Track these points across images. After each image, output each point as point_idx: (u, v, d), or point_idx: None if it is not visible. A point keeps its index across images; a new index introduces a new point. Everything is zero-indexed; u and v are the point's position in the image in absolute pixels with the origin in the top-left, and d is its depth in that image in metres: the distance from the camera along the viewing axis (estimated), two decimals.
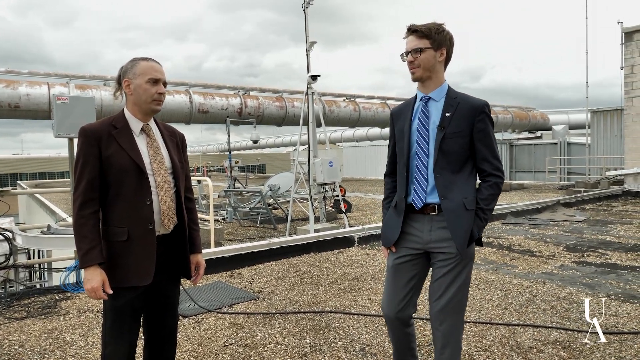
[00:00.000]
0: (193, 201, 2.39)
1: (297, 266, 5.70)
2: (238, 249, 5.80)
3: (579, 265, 5.40)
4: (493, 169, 2.20)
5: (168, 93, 18.16)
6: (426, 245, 2.25)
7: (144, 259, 2.05)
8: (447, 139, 2.15)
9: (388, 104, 24.78)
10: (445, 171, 2.16)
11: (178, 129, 2.40)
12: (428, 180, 2.19)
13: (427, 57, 2.15)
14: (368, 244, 6.98)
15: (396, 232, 2.29)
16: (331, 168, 7.49)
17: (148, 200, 2.05)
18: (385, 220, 2.41)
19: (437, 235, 2.21)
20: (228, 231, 9.20)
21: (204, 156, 48.27)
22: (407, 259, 2.30)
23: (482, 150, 2.19)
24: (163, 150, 2.17)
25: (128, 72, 2.11)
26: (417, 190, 2.22)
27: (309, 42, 7.66)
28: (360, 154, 33.70)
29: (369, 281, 4.95)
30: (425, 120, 2.21)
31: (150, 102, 2.10)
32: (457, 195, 2.16)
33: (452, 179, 2.17)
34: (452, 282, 2.20)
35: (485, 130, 2.18)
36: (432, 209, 2.20)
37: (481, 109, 2.17)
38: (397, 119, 2.36)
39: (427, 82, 2.21)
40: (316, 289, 4.73)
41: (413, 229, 2.27)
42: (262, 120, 20.66)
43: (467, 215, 2.16)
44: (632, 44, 12.52)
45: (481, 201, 2.19)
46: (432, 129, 2.19)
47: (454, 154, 2.16)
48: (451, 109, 2.17)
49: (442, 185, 2.16)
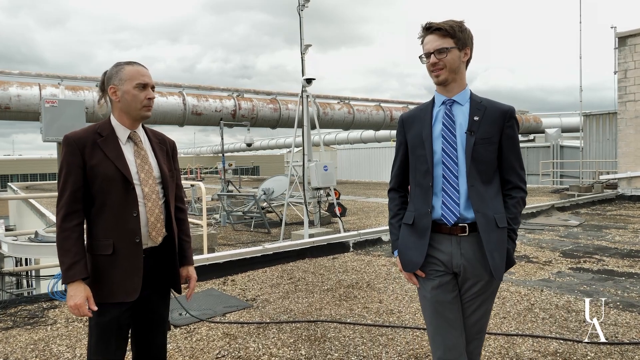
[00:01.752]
0: (184, 211, 2.30)
1: (291, 272, 5.61)
2: (231, 255, 5.70)
3: (576, 272, 5.35)
4: (520, 180, 2.02)
5: (161, 94, 18.05)
6: (456, 269, 1.99)
7: (130, 274, 1.96)
8: (478, 145, 1.94)
9: (382, 107, 24.78)
10: (477, 182, 1.94)
11: (171, 132, 2.31)
12: (460, 191, 1.95)
13: (453, 57, 1.95)
14: (363, 249, 6.90)
15: (421, 254, 1.99)
16: (326, 172, 7.41)
17: (135, 212, 1.95)
18: (402, 242, 2.08)
19: (468, 259, 1.95)
20: (221, 235, 9.09)
21: (197, 158, 48.08)
22: (443, 280, 2.00)
23: (511, 159, 1.99)
24: (151, 158, 2.08)
25: (113, 78, 2.02)
26: (447, 203, 1.95)
27: (303, 45, 7.59)
28: (354, 157, 33.63)
29: (365, 289, 4.87)
30: (451, 124, 1.99)
31: (140, 108, 2.01)
32: (489, 211, 1.94)
33: (483, 191, 1.95)
34: (480, 306, 2.03)
35: (514, 137, 2.01)
36: (460, 230, 1.95)
37: (511, 114, 2.00)
38: (409, 125, 2.11)
39: (451, 85, 2.01)
40: (311, 297, 4.64)
41: (438, 252, 1.99)
42: (256, 123, 20.56)
43: (500, 235, 1.94)
44: (625, 49, 12.56)
45: (511, 220, 1.98)
46: (460, 134, 1.97)
47: (485, 163, 1.95)
48: (479, 113, 1.98)
49: (476, 198, 1.93)
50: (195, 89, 19.88)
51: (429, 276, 2.01)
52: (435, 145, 1.99)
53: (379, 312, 4.15)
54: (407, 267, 2.05)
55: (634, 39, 12.39)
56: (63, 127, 4.84)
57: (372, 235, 7.18)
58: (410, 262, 2.02)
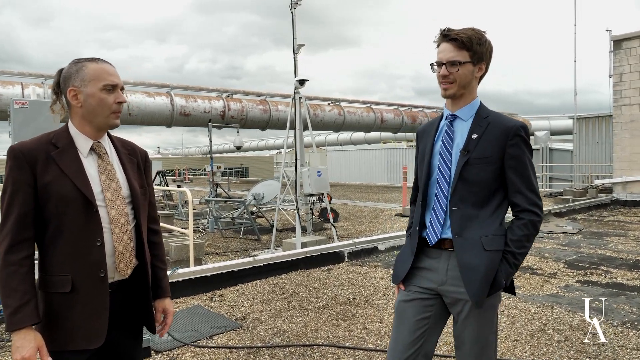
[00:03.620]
0: (159, 233, 1.94)
1: (283, 286, 5.25)
2: (219, 268, 5.33)
3: (584, 286, 5.07)
4: (529, 203, 1.82)
5: (148, 95, 17.57)
6: (441, 287, 1.89)
7: (93, 316, 1.60)
8: (471, 165, 1.82)
9: (373, 109, 24.50)
10: (464, 204, 1.83)
11: (159, 132, 1.99)
12: (446, 212, 1.87)
13: (465, 72, 1.82)
14: (358, 259, 6.57)
15: (405, 268, 1.96)
16: (319, 178, 7.07)
17: (98, 240, 1.60)
18: (400, 252, 2.09)
19: (454, 276, 1.85)
20: (209, 243, 8.70)
21: (185, 159, 47.46)
22: (415, 297, 1.94)
23: (515, 181, 1.83)
24: (119, 174, 1.73)
25: (73, 78, 1.65)
26: (433, 223, 1.90)
27: (296, 45, 7.25)
28: (344, 158, 33.33)
29: (363, 305, 4.53)
30: (448, 141, 1.89)
31: (107, 115, 1.65)
32: (474, 234, 1.81)
33: (471, 213, 1.83)
34: (475, 338, 1.85)
35: (519, 157, 1.82)
36: (449, 244, 1.87)
37: (515, 132, 1.81)
38: (421, 139, 2.06)
39: (458, 100, 1.89)
40: (305, 315, 4.29)
41: (427, 265, 1.94)
42: (245, 124, 20.16)
43: (485, 257, 1.78)
44: (621, 52, 12.41)
45: (512, 242, 1.81)
46: (455, 152, 1.87)
47: (478, 184, 1.82)
48: (479, 129, 1.84)
49: (458, 221, 1.83)
50: (184, 89, 19.42)
51: (408, 289, 1.98)
52: (433, 162, 1.93)
53: (380, 333, 3.82)
54: (393, 278, 2.06)
55: (629, 42, 12.25)
56: (38, 129, 4.44)
57: (367, 244, 6.85)
58: (395, 273, 2.03)
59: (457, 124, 1.91)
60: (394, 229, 9.63)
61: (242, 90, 20.89)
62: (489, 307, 1.84)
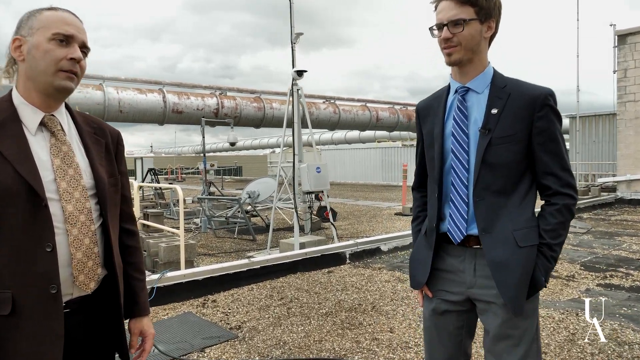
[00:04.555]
0: (135, 235, 1.54)
1: (282, 291, 4.85)
2: (212, 271, 4.92)
3: (607, 290, 4.71)
4: (562, 185, 1.56)
5: (140, 92, 17.09)
6: (470, 290, 1.64)
7: (42, 343, 1.20)
8: (494, 145, 1.54)
9: (368, 107, 24.13)
10: (489, 193, 1.56)
11: (152, 131, 1.66)
12: (469, 204, 1.60)
13: (471, 32, 1.54)
14: (361, 260, 6.17)
15: (425, 270, 1.70)
16: (319, 175, 6.67)
17: (48, 244, 1.20)
18: (413, 252, 1.82)
19: (484, 278, 1.59)
20: (202, 243, 8.28)
21: (178, 158, 46.91)
22: (449, 308, 1.70)
23: (546, 160, 1.56)
24: (80, 158, 1.33)
25: (22, 27, 1.26)
26: (455, 217, 1.62)
27: (294, 34, 6.85)
28: (339, 157, 32.95)
29: (370, 312, 4.14)
30: (462, 120, 1.61)
31: (53, 72, 1.25)
32: (504, 228, 1.55)
33: (499, 203, 1.56)
34: (512, 350, 1.57)
35: (549, 131, 1.55)
36: (475, 241, 1.60)
37: (543, 101, 1.53)
38: (424, 118, 1.77)
39: (467, 67, 1.60)
40: (307, 324, 3.89)
41: (450, 266, 1.68)
42: (239, 122, 19.74)
43: (520, 256, 1.53)
44: (625, 47, 12.12)
45: (546, 233, 1.56)
46: (474, 132, 1.59)
47: (504, 168, 1.55)
48: (499, 102, 1.56)
49: (484, 214, 1.56)
50: (177, 86, 18.98)
51: (435, 296, 1.72)
52: (446, 145, 1.64)
53: (391, 345, 3.43)
54: (412, 282, 1.80)
55: (634, 37, 11.95)
56: None
57: (370, 245, 6.46)
58: (414, 277, 1.78)
59: (470, 98, 1.62)
60: (395, 228, 9.26)
61: (236, 88, 20.48)
62: (530, 312, 1.59)
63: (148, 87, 17.99)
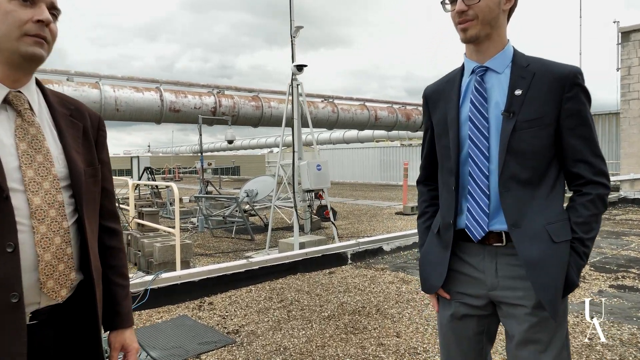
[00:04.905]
0: (118, 235, 1.34)
1: (281, 292, 4.65)
2: (209, 272, 4.71)
3: (620, 291, 4.52)
4: (594, 173, 1.41)
5: (137, 90, 16.87)
6: (492, 292, 1.48)
7: None
8: (520, 130, 1.39)
9: (367, 106, 23.93)
10: (516, 183, 1.40)
11: (149, 131, 1.44)
12: (490, 197, 1.44)
13: (489, 3, 1.38)
14: (363, 261, 5.98)
15: (441, 273, 1.54)
16: (319, 172, 6.48)
17: (9, 244, 1.00)
18: (424, 251, 1.65)
19: (508, 278, 1.44)
20: (198, 243, 8.07)
21: (176, 157, 46.69)
22: (468, 312, 1.54)
23: (576, 146, 1.41)
24: (52, 142, 1.13)
25: None
26: (474, 212, 1.46)
27: (293, 27, 6.65)
28: (337, 157, 32.78)
29: (374, 315, 3.95)
30: (481, 103, 1.45)
31: (17, 37, 1.05)
32: (536, 221, 1.39)
33: (527, 195, 1.41)
34: (540, 353, 1.41)
35: (580, 113, 1.40)
36: (496, 238, 1.44)
37: (573, 80, 1.38)
38: (434, 104, 1.61)
39: (485, 44, 1.45)
40: (309, 328, 3.70)
41: (468, 267, 1.52)
42: (237, 121, 19.54)
43: (556, 253, 1.38)
44: (629, 44, 11.95)
45: (578, 226, 1.40)
46: (495, 116, 1.43)
47: (531, 155, 1.40)
48: (523, 83, 1.40)
49: (513, 206, 1.40)
50: (174, 84, 18.76)
51: (453, 299, 1.56)
52: (462, 132, 1.49)
53: (398, 351, 3.23)
54: (424, 285, 1.63)
55: (638, 34, 11.78)
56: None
57: (372, 244, 6.27)
58: (427, 280, 1.61)
59: (489, 78, 1.46)
60: (396, 228, 9.07)
61: (234, 87, 20.27)
62: (561, 316, 1.44)
63: (145, 86, 17.75)
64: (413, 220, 10.07)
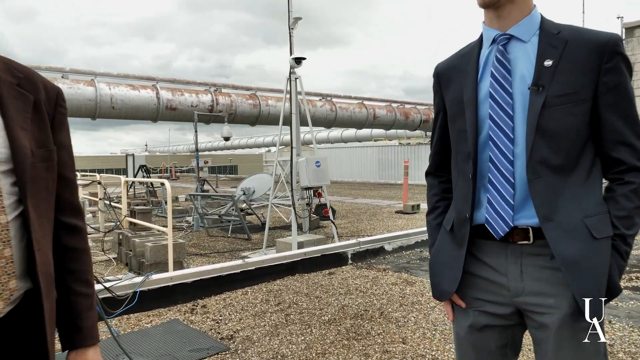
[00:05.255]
0: (81, 234, 1.11)
1: (279, 294, 4.42)
2: (202, 273, 4.47)
3: (636, 293, 4.30)
4: (638, 158, 1.20)
5: (133, 88, 16.61)
6: (517, 299, 1.26)
7: None
8: (551, 107, 1.18)
9: (365, 105, 23.70)
10: (547, 169, 1.19)
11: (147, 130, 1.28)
12: (515, 186, 1.22)
13: None
14: (364, 261, 5.75)
15: (455, 276, 1.33)
16: (318, 169, 6.25)
17: None
18: (435, 252, 1.42)
19: (536, 282, 1.23)
20: (193, 242, 7.82)
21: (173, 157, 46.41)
22: (489, 322, 1.32)
23: (618, 126, 1.19)
24: None
25: None
26: (495, 204, 1.24)
27: (292, 18, 6.41)
28: (335, 156, 32.58)
29: (378, 319, 3.72)
30: (504, 76, 1.24)
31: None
32: (572, 214, 1.18)
33: (560, 182, 1.19)
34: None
35: (621, 87, 1.18)
36: (522, 235, 1.23)
37: (612, 48, 1.17)
38: (447, 82, 1.40)
39: (507, 8, 1.25)
40: (308, 333, 3.46)
41: (487, 269, 1.30)
42: (234, 119, 19.33)
43: (598, 251, 1.16)
44: (633, 40, 11.76)
45: (619, 221, 1.19)
46: (521, 91, 1.22)
47: (564, 136, 1.19)
48: (554, 52, 1.19)
49: (544, 196, 1.19)
50: (170, 82, 18.52)
51: (470, 306, 1.34)
52: (481, 111, 1.28)
53: (405, 359, 3.00)
54: (435, 291, 1.41)
55: None
56: None
57: (373, 244, 6.04)
58: (438, 286, 1.39)
59: (513, 48, 1.25)
60: (397, 227, 8.84)
61: (231, 85, 20.05)
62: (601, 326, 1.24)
63: (141, 84, 17.52)
64: (414, 219, 9.84)
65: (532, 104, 1.19)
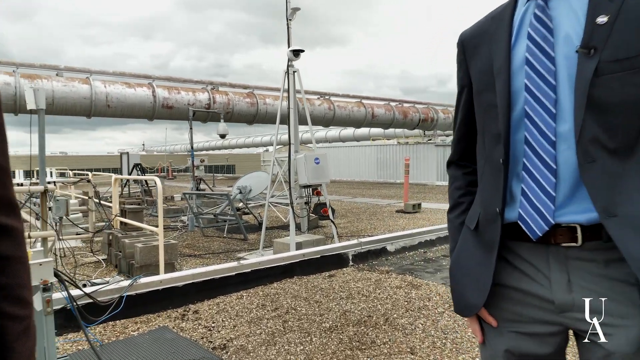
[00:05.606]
0: (14, 236, 0.83)
1: (276, 299, 4.14)
2: (194, 276, 4.20)
3: None
4: None
5: (129, 86, 16.33)
6: (565, 314, 1.00)
7: None
8: (605, 75, 0.92)
9: (364, 103, 23.45)
10: (602, 151, 0.94)
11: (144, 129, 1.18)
12: (558, 173, 0.98)
13: None
14: (366, 262, 5.48)
15: (483, 286, 1.07)
16: (317, 166, 5.98)
17: None
18: (457, 256, 1.18)
19: (590, 292, 0.98)
20: (187, 243, 7.55)
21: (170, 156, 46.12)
22: (530, 349, 1.06)
23: None
24: None
25: None
26: (532, 196, 1.00)
27: (289, 9, 6.14)
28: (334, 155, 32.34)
29: (383, 326, 3.45)
30: (545, 37, 0.99)
31: None
32: (638, 207, 0.92)
33: (619, 168, 0.94)
34: None
35: None
36: (567, 235, 0.98)
37: None
38: (474, 49, 1.14)
39: None
40: (308, 342, 3.19)
41: (523, 277, 1.05)
42: (231, 118, 19.08)
43: None
44: None
45: None
46: (565, 55, 0.96)
47: (622, 111, 0.93)
48: (609, 6, 0.93)
49: (601, 184, 0.94)
50: (167, 80, 18.25)
51: (505, 326, 1.08)
52: (515, 83, 1.02)
53: None
54: (458, 305, 1.15)
55: None
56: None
57: (375, 244, 5.77)
58: (462, 298, 1.13)
59: (557, 3, 1.00)
60: (398, 226, 8.58)
61: (229, 83, 19.81)
62: None
63: (137, 82, 17.23)
64: (415, 218, 9.58)
65: (581, 70, 0.94)
